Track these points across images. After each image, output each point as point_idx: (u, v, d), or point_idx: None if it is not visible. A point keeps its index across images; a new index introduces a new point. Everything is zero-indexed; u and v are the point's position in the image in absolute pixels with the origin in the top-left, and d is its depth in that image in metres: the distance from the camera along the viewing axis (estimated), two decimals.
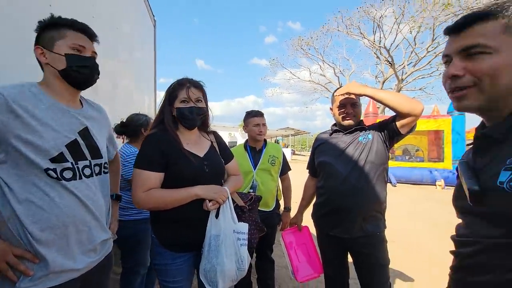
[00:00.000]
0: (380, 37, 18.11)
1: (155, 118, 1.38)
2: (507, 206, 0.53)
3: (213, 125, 1.49)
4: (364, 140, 1.58)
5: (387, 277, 1.57)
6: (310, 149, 1.97)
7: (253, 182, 2.08)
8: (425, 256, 3.29)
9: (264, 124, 2.16)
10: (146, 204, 1.19)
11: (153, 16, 4.44)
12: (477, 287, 0.61)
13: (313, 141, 1.94)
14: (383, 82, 19.37)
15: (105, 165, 1.13)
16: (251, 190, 2.04)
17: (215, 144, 1.44)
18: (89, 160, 1.04)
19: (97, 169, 1.07)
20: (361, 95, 1.56)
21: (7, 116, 0.85)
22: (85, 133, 1.04)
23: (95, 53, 1.08)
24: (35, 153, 0.88)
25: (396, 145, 9.63)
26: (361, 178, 1.52)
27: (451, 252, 0.71)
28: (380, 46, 18.20)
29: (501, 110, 0.61)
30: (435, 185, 8.43)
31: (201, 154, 1.32)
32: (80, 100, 1.12)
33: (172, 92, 1.30)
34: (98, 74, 1.09)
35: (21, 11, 1.24)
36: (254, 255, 2.22)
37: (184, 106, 1.27)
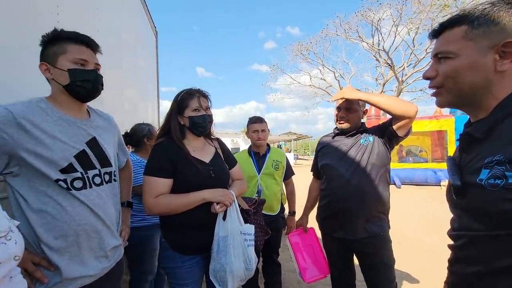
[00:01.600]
0: (379, 40, 18.21)
1: (161, 127, 1.43)
2: (485, 202, 0.58)
3: (216, 132, 1.54)
4: (365, 142, 1.61)
5: (393, 277, 1.58)
6: (314, 153, 2.01)
7: (258, 187, 2.11)
8: (430, 256, 3.27)
9: (263, 130, 2.18)
10: (156, 209, 1.24)
11: (155, 27, 4.56)
12: (470, 278, 0.64)
13: (315, 145, 1.98)
14: (384, 84, 19.39)
15: (115, 173, 1.16)
16: (257, 195, 2.08)
17: (219, 151, 1.49)
18: (99, 169, 1.06)
19: (107, 177, 1.10)
20: (355, 100, 1.60)
21: (16, 131, 0.89)
22: (93, 143, 1.06)
23: (98, 64, 1.09)
24: (45, 165, 0.92)
25: (403, 146, 9.59)
26: (363, 179, 1.55)
27: (449, 246, 0.74)
28: (379, 49, 18.29)
29: (483, 106, 0.65)
30: (439, 185, 8.37)
31: (207, 160, 1.37)
32: (88, 111, 1.15)
33: (182, 102, 1.35)
34: (102, 85, 1.10)
35: (29, 28, 1.27)
36: (261, 259, 2.24)
37: (197, 115, 1.33)
